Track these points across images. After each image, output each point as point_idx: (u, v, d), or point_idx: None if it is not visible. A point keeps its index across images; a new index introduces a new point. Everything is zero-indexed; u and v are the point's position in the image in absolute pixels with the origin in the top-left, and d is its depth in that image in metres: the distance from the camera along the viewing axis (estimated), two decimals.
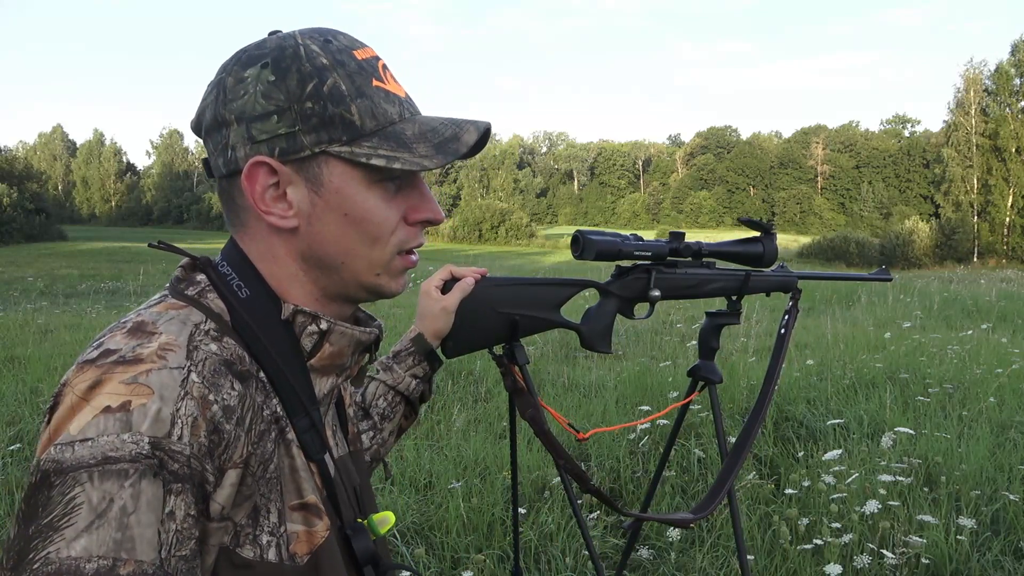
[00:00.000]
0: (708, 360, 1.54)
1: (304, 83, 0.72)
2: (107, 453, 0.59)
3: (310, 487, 0.74)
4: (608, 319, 1.31)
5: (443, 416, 4.21)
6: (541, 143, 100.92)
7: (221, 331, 0.72)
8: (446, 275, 1.16)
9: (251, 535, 0.69)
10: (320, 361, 0.78)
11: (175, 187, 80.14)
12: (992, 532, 2.86)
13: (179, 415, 0.62)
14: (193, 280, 0.76)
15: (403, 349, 1.14)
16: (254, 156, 0.72)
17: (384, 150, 0.73)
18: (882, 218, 69.70)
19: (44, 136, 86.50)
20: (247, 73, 0.73)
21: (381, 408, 1.12)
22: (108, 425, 0.60)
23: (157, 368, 0.64)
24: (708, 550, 2.73)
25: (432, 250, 38.34)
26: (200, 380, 0.65)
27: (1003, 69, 44.18)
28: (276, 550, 0.70)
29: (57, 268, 19.42)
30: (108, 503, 0.58)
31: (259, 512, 0.69)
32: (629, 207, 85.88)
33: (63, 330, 7.58)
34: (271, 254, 0.77)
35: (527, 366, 1.22)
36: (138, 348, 0.65)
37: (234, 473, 0.66)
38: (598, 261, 1.25)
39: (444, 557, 2.68)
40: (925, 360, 5.54)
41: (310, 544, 0.72)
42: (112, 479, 0.59)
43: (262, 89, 0.72)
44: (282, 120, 0.72)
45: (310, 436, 0.75)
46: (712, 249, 1.39)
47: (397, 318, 7.70)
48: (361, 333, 0.80)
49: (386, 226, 0.77)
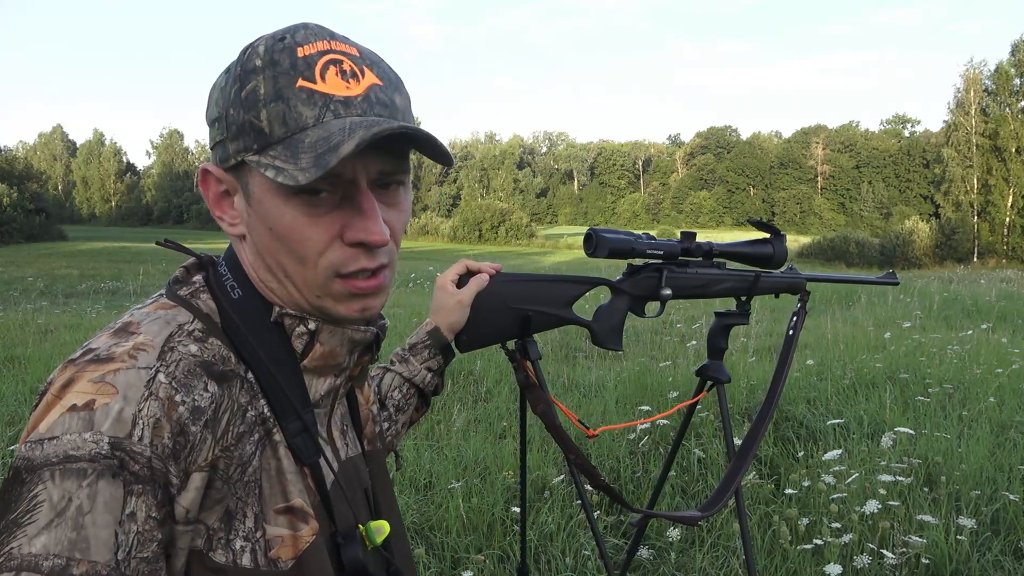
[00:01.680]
0: (716, 360, 1.54)
1: (232, 88, 0.69)
2: (68, 452, 0.59)
3: (297, 490, 0.72)
4: (619, 317, 1.32)
5: (443, 416, 4.20)
6: (541, 143, 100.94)
7: (207, 332, 0.71)
8: (462, 269, 1.17)
9: (223, 539, 0.67)
10: (313, 362, 0.76)
11: (175, 187, 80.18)
12: (992, 532, 2.86)
13: (141, 415, 0.62)
14: (189, 281, 0.76)
15: (419, 342, 1.14)
16: (204, 164, 0.74)
17: (280, 161, 0.66)
18: (882, 218, 69.69)
19: (44, 136, 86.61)
20: (217, 79, 0.74)
21: (396, 400, 1.12)
22: (72, 423, 0.60)
23: (125, 368, 0.64)
24: (708, 550, 2.73)
25: (432, 250, 38.36)
26: (168, 380, 0.64)
27: (1003, 69, 44.19)
28: (251, 555, 0.68)
29: (57, 268, 19.42)
30: (67, 502, 0.58)
31: (233, 516, 0.68)
32: (629, 207, 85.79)
33: (63, 330, 7.58)
34: (244, 257, 0.77)
35: (539, 361, 1.23)
36: (113, 347, 0.65)
37: (199, 476, 0.65)
38: (610, 259, 1.25)
39: (444, 557, 2.68)
40: (925, 360, 5.54)
41: (295, 549, 0.70)
42: (72, 478, 0.59)
43: (215, 96, 0.72)
44: (219, 127, 0.71)
45: (302, 439, 0.73)
46: (723, 249, 1.39)
47: (397, 318, 7.70)
48: (354, 332, 0.77)
49: (310, 245, 0.69)
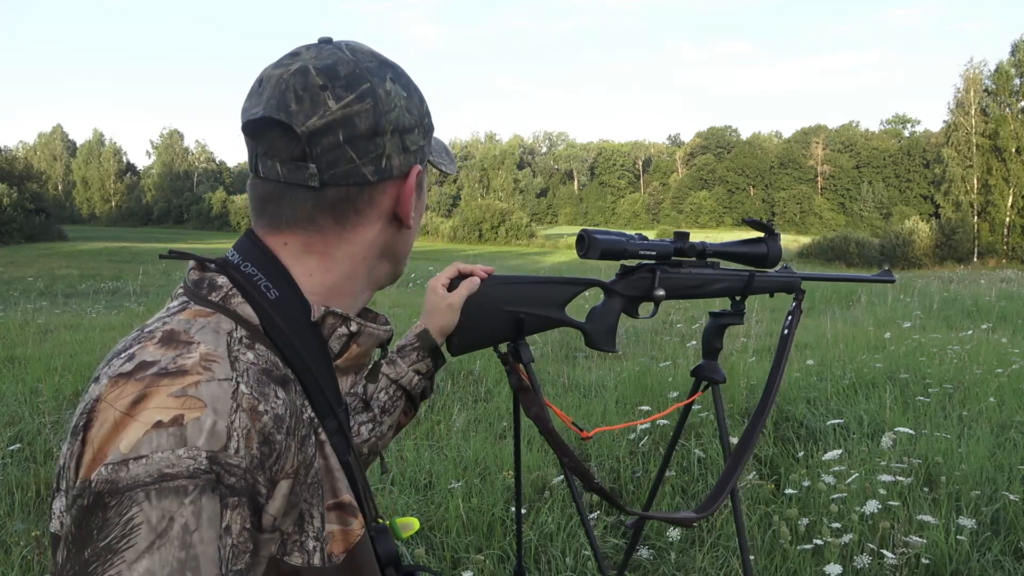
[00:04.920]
0: (712, 360, 1.54)
1: (420, 99, 0.80)
2: (163, 470, 0.57)
3: (344, 486, 0.74)
4: (612, 318, 1.32)
5: (443, 416, 4.20)
6: (541, 143, 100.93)
7: (252, 338, 0.70)
8: (453, 272, 1.17)
9: (298, 542, 0.68)
10: (347, 361, 0.79)
11: (175, 187, 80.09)
12: (992, 532, 2.86)
13: (234, 428, 0.61)
14: (214, 283, 0.73)
15: (408, 344, 1.14)
16: (413, 165, 0.79)
17: (437, 158, 0.86)
18: (882, 218, 69.70)
19: (44, 136, 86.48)
20: (388, 87, 0.75)
21: (382, 401, 1.12)
22: (162, 441, 0.58)
23: (205, 380, 0.62)
24: (708, 550, 2.73)
25: (432, 250, 38.33)
26: (248, 391, 0.64)
27: (1003, 69, 44.19)
28: (320, 554, 0.70)
29: (57, 268, 19.42)
30: (168, 522, 0.56)
31: (303, 518, 0.69)
32: (629, 207, 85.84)
33: (63, 330, 7.58)
34: (341, 254, 0.77)
35: (532, 364, 1.22)
36: (179, 359, 0.63)
37: (286, 484, 0.65)
38: (603, 260, 1.25)
39: (444, 557, 2.68)
40: (925, 360, 5.54)
41: (345, 543, 0.72)
42: (171, 497, 0.57)
43: (403, 103, 0.77)
44: (419, 132, 0.79)
45: (338, 438, 0.75)
46: (716, 249, 1.39)
47: (397, 318, 7.70)
48: (384, 332, 0.82)
49: None
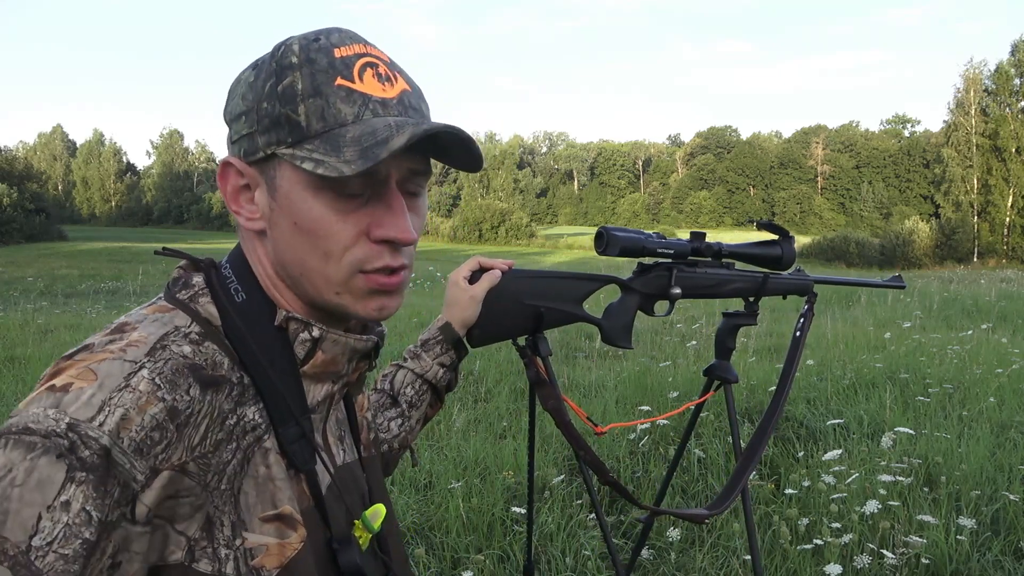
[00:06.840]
0: (724, 360, 1.55)
1: (266, 83, 0.70)
2: (28, 424, 0.60)
3: (286, 497, 0.71)
4: (629, 315, 1.33)
5: (443, 416, 4.20)
6: (541, 143, 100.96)
7: (204, 336, 0.70)
8: (475, 265, 1.18)
9: (208, 549, 0.67)
10: (313, 368, 0.76)
11: (175, 187, 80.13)
12: (992, 532, 2.86)
13: (109, 403, 0.61)
14: (189, 283, 0.75)
15: (431, 337, 1.15)
16: (225, 157, 0.74)
17: (318, 153, 0.67)
18: (882, 218, 69.67)
19: (44, 136, 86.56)
20: (242, 75, 0.74)
21: (409, 396, 1.13)
22: (43, 400, 0.61)
23: (112, 359, 0.64)
24: (708, 550, 2.73)
25: (432, 250, 38.34)
26: (151, 376, 0.64)
27: (1003, 69, 44.22)
28: (234, 564, 0.68)
29: (57, 268, 19.42)
30: (6, 471, 0.58)
31: (212, 525, 0.67)
32: (629, 207, 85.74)
33: (63, 330, 7.58)
34: (256, 256, 0.76)
35: (549, 358, 1.23)
36: (110, 344, 0.66)
37: (166, 475, 0.64)
38: (621, 257, 1.26)
39: (444, 557, 2.68)
40: (925, 360, 5.54)
41: (280, 557, 0.70)
42: (20, 449, 0.59)
43: (242, 91, 0.72)
44: (247, 121, 0.71)
45: (299, 445, 0.73)
46: (732, 250, 1.40)
47: (397, 317, 7.70)
48: (356, 341, 0.77)
49: (336, 240, 0.70)
